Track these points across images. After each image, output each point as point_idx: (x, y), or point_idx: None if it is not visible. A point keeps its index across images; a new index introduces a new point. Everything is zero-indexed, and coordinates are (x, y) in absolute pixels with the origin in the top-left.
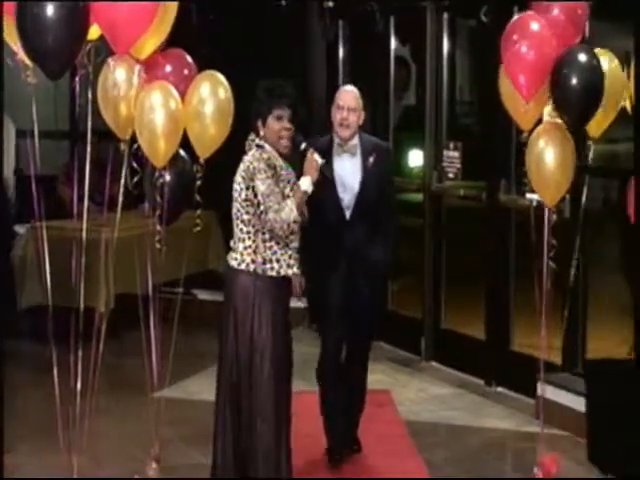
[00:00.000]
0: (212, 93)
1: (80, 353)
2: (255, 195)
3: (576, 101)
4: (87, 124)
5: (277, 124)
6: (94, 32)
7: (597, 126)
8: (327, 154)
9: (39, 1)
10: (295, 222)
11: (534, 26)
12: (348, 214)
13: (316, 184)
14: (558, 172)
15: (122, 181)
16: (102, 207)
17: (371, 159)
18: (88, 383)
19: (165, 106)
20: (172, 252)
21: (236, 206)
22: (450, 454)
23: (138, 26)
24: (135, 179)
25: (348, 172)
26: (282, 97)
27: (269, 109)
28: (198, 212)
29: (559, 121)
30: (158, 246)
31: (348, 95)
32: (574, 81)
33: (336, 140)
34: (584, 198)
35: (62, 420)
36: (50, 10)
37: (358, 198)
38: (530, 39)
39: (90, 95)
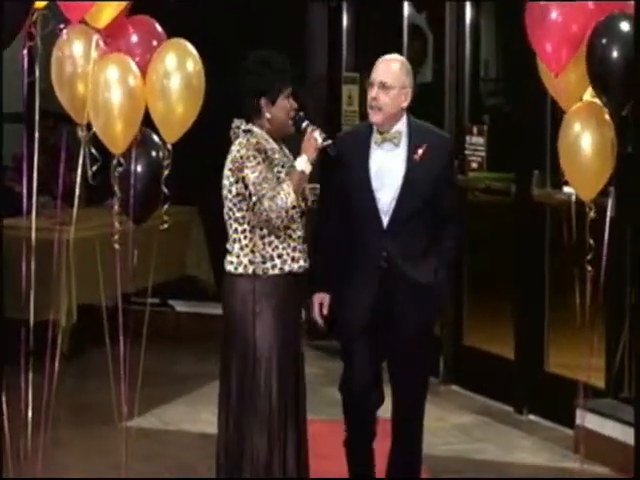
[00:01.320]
0: (179, 65)
1: (31, 375)
2: (246, 187)
3: (617, 78)
4: (35, 105)
5: (289, 103)
6: None
7: None
8: (364, 144)
9: None
10: (294, 207)
11: None
12: (386, 221)
13: (351, 182)
14: (597, 160)
15: (79, 171)
16: (61, 202)
17: (420, 151)
18: (45, 410)
19: (122, 82)
20: (143, 255)
21: (227, 204)
22: None
23: None
24: (94, 168)
25: (387, 167)
26: (291, 73)
27: (280, 87)
28: (165, 207)
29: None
30: (117, 246)
31: (383, 67)
32: (615, 54)
33: (375, 127)
34: None
35: (13, 454)
36: None
37: (399, 200)
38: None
39: (37, 72)
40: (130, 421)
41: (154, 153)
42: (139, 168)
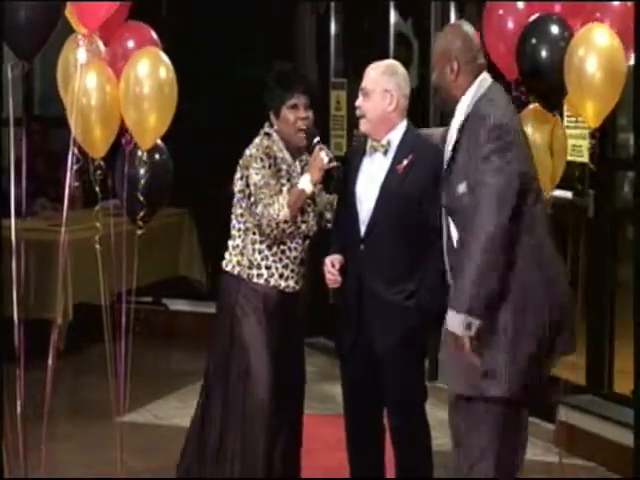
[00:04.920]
0: (150, 73)
1: (24, 372)
2: (247, 185)
3: (546, 77)
4: (9, 109)
5: (292, 114)
6: None
7: (595, 114)
8: (361, 154)
9: None
10: (286, 222)
11: None
12: (363, 229)
13: (343, 192)
14: (549, 158)
15: (68, 175)
16: (57, 204)
17: (405, 161)
18: (43, 406)
19: (99, 89)
20: (138, 256)
21: (234, 199)
22: None
23: None
24: (75, 167)
25: (372, 176)
26: (295, 83)
27: (282, 99)
28: (141, 214)
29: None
30: (98, 247)
31: (365, 74)
32: (544, 54)
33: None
34: None
35: (11, 448)
36: None
37: (374, 210)
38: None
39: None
40: (124, 416)
41: (157, 157)
42: (142, 172)
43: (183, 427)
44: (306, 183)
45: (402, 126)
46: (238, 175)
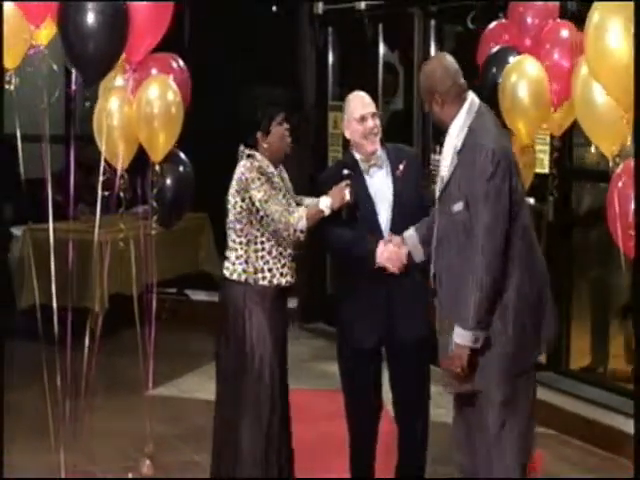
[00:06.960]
0: (159, 96)
1: (69, 352)
2: (253, 204)
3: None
4: (45, 127)
5: (282, 127)
6: (44, 36)
7: (526, 132)
8: (358, 176)
9: (81, 0)
10: (302, 232)
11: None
12: (386, 234)
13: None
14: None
15: (99, 184)
16: (93, 207)
17: (401, 167)
18: (83, 381)
19: (120, 111)
20: (161, 253)
21: (230, 217)
22: (436, 452)
23: (155, 30)
24: (103, 178)
25: (380, 188)
26: (279, 104)
27: (271, 116)
28: (155, 218)
29: None
30: (122, 244)
31: (366, 101)
32: (500, 79)
33: (358, 157)
34: None
35: (55, 419)
36: (92, 16)
37: (393, 213)
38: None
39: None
40: (153, 390)
41: (182, 169)
42: (168, 182)
43: (203, 399)
44: (326, 206)
45: None
46: (238, 197)
